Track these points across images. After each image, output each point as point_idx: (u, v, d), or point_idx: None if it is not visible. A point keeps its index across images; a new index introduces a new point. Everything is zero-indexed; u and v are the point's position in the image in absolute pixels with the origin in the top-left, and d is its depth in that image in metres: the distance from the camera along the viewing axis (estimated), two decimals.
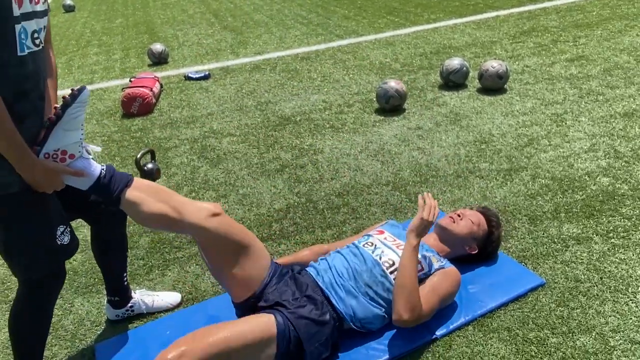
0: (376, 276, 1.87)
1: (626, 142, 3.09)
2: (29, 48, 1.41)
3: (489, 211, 2.22)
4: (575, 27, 5.51)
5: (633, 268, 2.09)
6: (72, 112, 1.47)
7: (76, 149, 1.53)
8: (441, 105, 3.91)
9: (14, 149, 1.38)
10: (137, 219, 1.68)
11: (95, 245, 1.94)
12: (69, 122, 1.48)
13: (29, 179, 1.44)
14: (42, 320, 1.67)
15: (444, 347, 1.82)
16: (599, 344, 1.77)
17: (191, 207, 1.65)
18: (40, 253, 1.55)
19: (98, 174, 1.58)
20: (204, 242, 1.70)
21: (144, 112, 4.27)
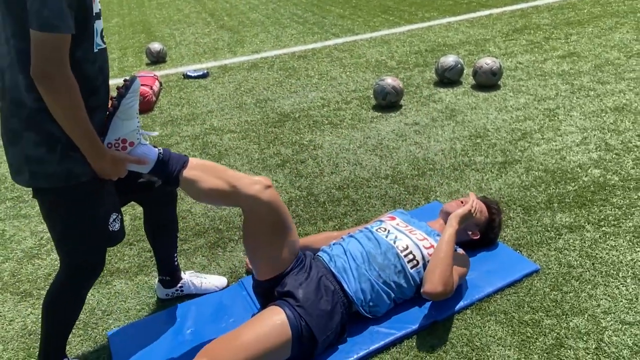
0: (390, 259, 1.96)
1: (617, 135, 3.19)
2: (99, 46, 1.49)
3: (488, 199, 2.32)
4: (567, 25, 5.62)
5: (623, 254, 2.19)
6: (127, 102, 1.56)
7: (134, 137, 1.61)
8: (437, 102, 4.00)
9: (88, 139, 1.45)
10: (195, 195, 1.76)
11: (147, 227, 2.03)
12: (125, 111, 1.56)
13: (97, 167, 1.52)
14: (77, 304, 1.75)
15: (444, 329, 1.90)
16: (591, 324, 1.86)
17: (245, 180, 1.73)
18: (95, 238, 1.63)
19: (156, 157, 1.66)
20: (252, 214, 1.76)
21: (144, 110, 4.33)
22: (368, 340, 1.87)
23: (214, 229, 2.67)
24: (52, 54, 1.32)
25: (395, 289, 1.95)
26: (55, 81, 1.33)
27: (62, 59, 1.33)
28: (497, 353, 1.78)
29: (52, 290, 1.70)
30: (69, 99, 1.37)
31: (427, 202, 2.74)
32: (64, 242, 1.62)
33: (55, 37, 1.31)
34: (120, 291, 2.29)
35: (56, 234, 1.61)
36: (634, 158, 2.91)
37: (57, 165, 1.47)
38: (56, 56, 1.32)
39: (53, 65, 1.32)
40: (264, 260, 1.85)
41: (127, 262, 2.47)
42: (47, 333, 1.74)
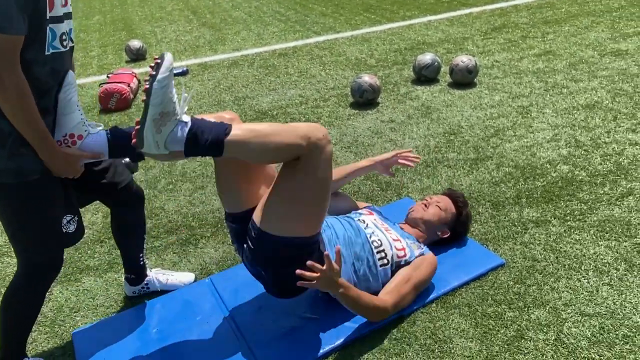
0: (365, 251, 1.96)
1: (586, 132, 3.24)
2: (54, 49, 1.49)
3: (454, 193, 2.33)
4: (545, 24, 5.69)
5: (587, 247, 2.23)
6: (64, 96, 1.55)
7: (81, 129, 1.59)
8: (413, 99, 4.03)
9: (39, 138, 1.47)
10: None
11: (114, 226, 2.02)
12: (65, 106, 1.56)
13: (50, 164, 1.53)
14: (35, 304, 1.74)
15: (409, 323, 1.93)
16: (552, 316, 1.90)
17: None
18: (47, 239, 1.62)
19: (106, 140, 1.62)
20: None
21: (121, 108, 4.31)
22: (334, 335, 1.88)
23: (186, 226, 2.67)
24: (1, 54, 1.34)
25: (362, 281, 1.96)
26: (4, 81, 1.35)
27: (11, 59, 1.36)
28: (460, 345, 1.81)
29: (10, 288, 1.70)
30: (18, 98, 1.38)
31: (398, 197, 2.76)
32: (15, 240, 1.62)
33: (4, 38, 1.33)
34: (89, 288, 2.28)
35: (9, 231, 1.61)
36: (602, 154, 2.96)
37: (7, 161, 1.47)
38: (5, 57, 1.35)
39: (2, 66, 1.35)
40: (236, 195, 1.79)
41: (97, 259, 2.47)
42: (5, 330, 1.73)
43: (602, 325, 1.83)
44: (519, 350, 1.77)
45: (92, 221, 2.77)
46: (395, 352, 1.81)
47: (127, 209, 1.96)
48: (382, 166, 2.30)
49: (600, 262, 2.14)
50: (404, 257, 2.01)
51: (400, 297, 1.92)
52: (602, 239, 2.28)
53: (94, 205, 2.89)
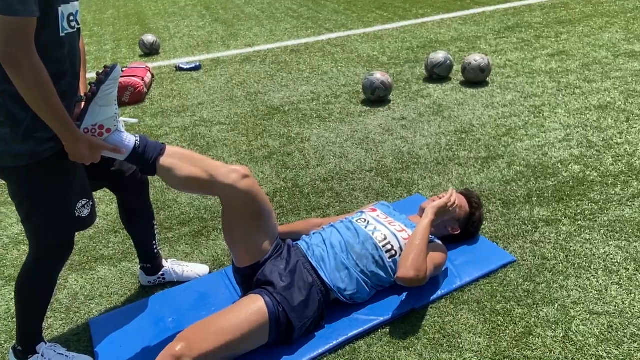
0: (367, 249, 2.00)
1: (599, 133, 3.24)
2: (65, 30, 1.50)
3: (470, 193, 2.35)
4: (558, 24, 5.66)
5: (596, 247, 2.24)
6: (106, 88, 1.57)
7: (112, 123, 1.63)
8: (425, 97, 4.04)
9: (61, 123, 1.48)
10: (172, 183, 1.78)
11: (122, 214, 2.06)
12: (104, 98, 1.58)
13: (72, 150, 1.55)
14: (47, 287, 1.77)
15: (418, 317, 1.95)
16: (561, 314, 1.91)
17: (223, 169, 1.74)
18: (58, 221, 1.65)
19: (133, 145, 1.67)
20: (229, 203, 1.79)
21: (135, 101, 4.36)
22: (347, 326, 1.91)
23: (199, 218, 2.71)
24: (16, 36, 1.34)
25: (372, 277, 1.99)
26: (21, 64, 1.35)
27: (27, 41, 1.36)
28: (468, 340, 1.83)
29: (22, 273, 1.73)
30: (36, 81, 1.38)
31: (409, 195, 2.78)
32: (28, 222, 1.65)
33: (17, 20, 1.33)
34: (103, 277, 2.32)
35: (22, 214, 1.64)
36: (613, 155, 2.96)
37: (20, 145, 1.50)
38: (20, 39, 1.34)
39: (18, 48, 1.34)
40: (242, 248, 1.88)
41: (111, 248, 2.51)
42: (20, 315, 1.76)
43: (610, 324, 1.85)
44: (527, 346, 1.79)
45: (107, 212, 2.82)
46: (404, 345, 1.83)
47: (133, 195, 2.00)
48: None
49: (610, 262, 2.15)
50: None
51: (428, 271, 1.93)
52: (612, 239, 2.28)
53: (108, 196, 2.93)
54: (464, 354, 1.78)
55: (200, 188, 1.80)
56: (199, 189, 1.83)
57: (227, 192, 1.76)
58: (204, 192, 1.85)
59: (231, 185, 1.74)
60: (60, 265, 1.77)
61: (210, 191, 1.80)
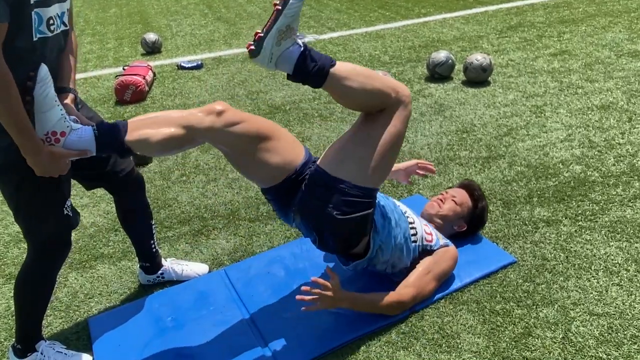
0: (403, 221, 1.98)
1: (600, 133, 3.23)
2: (41, 33, 1.47)
3: (470, 185, 2.32)
4: (561, 23, 5.64)
5: (597, 248, 2.23)
6: (40, 92, 1.47)
7: (62, 125, 1.52)
8: (426, 97, 4.03)
9: (21, 133, 1.43)
10: (152, 152, 1.71)
11: (119, 214, 2.06)
12: (42, 103, 1.48)
13: (35, 164, 1.49)
14: (46, 285, 1.78)
15: (417, 317, 1.95)
16: (560, 315, 1.90)
17: (196, 115, 1.62)
18: (49, 216, 1.65)
19: (92, 136, 1.55)
20: (222, 145, 1.67)
21: (136, 100, 4.36)
22: (346, 328, 1.90)
23: (199, 217, 2.71)
24: None
25: (397, 249, 1.95)
26: None
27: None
28: (467, 340, 1.83)
29: (21, 272, 1.74)
30: (0, 89, 1.34)
31: (409, 194, 2.77)
32: (21, 220, 1.65)
33: None
34: (103, 275, 2.33)
35: (13, 211, 1.65)
36: (615, 155, 2.95)
37: (10, 139, 1.47)
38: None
39: None
40: (264, 174, 1.75)
41: (111, 247, 2.51)
42: (20, 314, 1.77)
43: (610, 325, 1.84)
44: (527, 347, 1.78)
45: (107, 210, 2.82)
46: (402, 345, 1.83)
47: (129, 195, 2.00)
48: (404, 173, 2.35)
49: (611, 263, 2.14)
50: (430, 242, 2.04)
51: (419, 290, 1.94)
52: (613, 239, 2.27)
53: (108, 195, 2.92)
54: (462, 355, 1.77)
55: (183, 144, 1.64)
56: (182, 146, 1.66)
57: (211, 136, 1.62)
58: (189, 146, 1.68)
59: (211, 128, 1.60)
60: (59, 265, 1.77)
61: (195, 142, 1.66)
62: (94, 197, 2.95)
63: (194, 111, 1.64)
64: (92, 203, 2.90)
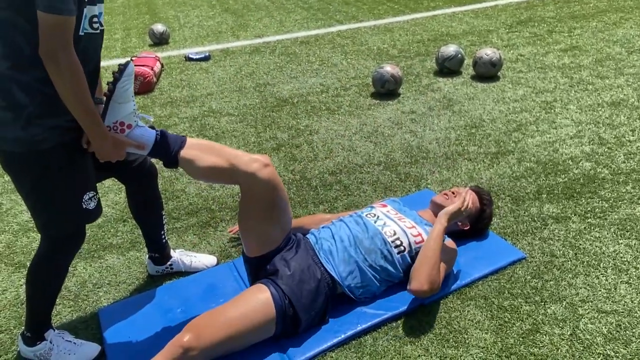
0: (377, 244, 1.99)
1: (611, 130, 3.20)
2: (85, 30, 1.53)
3: (481, 190, 2.33)
4: (572, 18, 5.59)
5: (606, 245, 2.22)
6: (122, 85, 1.61)
7: (132, 119, 1.66)
8: (435, 91, 4.01)
9: (90, 119, 1.53)
10: (194, 174, 1.81)
11: (131, 204, 2.08)
12: (121, 95, 1.62)
13: (98, 147, 1.59)
14: (58, 276, 1.78)
15: (424, 312, 1.95)
16: (569, 312, 1.90)
17: (244, 157, 1.76)
18: (64, 213, 1.66)
19: (154, 139, 1.70)
20: (249, 191, 1.80)
21: (144, 91, 4.36)
22: (355, 321, 1.91)
23: (207, 208, 2.72)
24: (56, 34, 1.39)
25: (381, 272, 1.99)
26: (59, 61, 1.41)
27: (66, 39, 1.41)
28: (474, 336, 1.83)
29: (34, 262, 1.74)
30: (72, 78, 1.44)
31: (417, 189, 2.77)
32: (35, 213, 1.66)
33: (58, 18, 1.38)
34: (112, 265, 2.34)
35: (28, 204, 1.65)
36: (625, 152, 2.93)
37: (20, 131, 1.51)
38: (59, 37, 1.40)
39: (57, 46, 1.40)
40: (255, 238, 1.89)
41: (120, 237, 2.52)
42: (30, 302, 1.78)
43: (618, 323, 1.83)
44: (534, 343, 1.78)
45: (116, 200, 2.83)
46: (410, 340, 1.83)
47: (141, 185, 2.01)
48: None
49: (620, 260, 2.13)
50: (421, 242, 2.03)
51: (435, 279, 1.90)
52: (623, 237, 2.26)
53: (117, 185, 2.95)
54: (470, 350, 1.77)
55: (221, 177, 1.82)
56: (221, 179, 1.87)
57: (248, 181, 1.76)
58: (226, 181, 1.89)
59: (252, 174, 1.74)
60: (71, 256, 1.78)
61: (231, 180, 1.82)
62: (103, 188, 2.96)
63: (244, 153, 1.79)
64: (101, 193, 2.91)
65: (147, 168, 1.97)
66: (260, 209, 1.82)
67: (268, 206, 1.82)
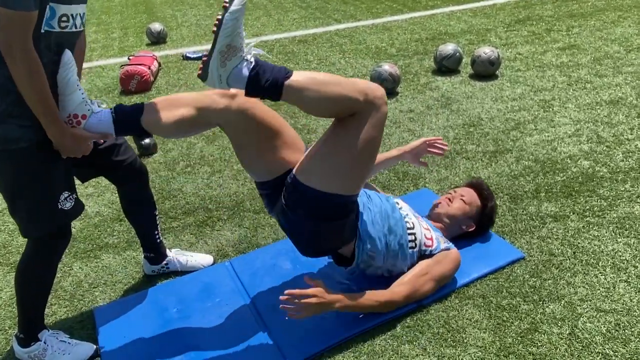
0: (399, 227, 1.95)
1: (609, 128, 3.19)
2: (50, 27, 1.50)
3: (479, 184, 2.27)
4: (570, 17, 5.58)
5: (605, 244, 2.21)
6: (62, 76, 1.56)
7: (84, 109, 1.61)
8: (433, 90, 4.00)
9: (48, 115, 1.51)
10: (167, 133, 1.75)
11: (123, 205, 2.06)
12: (64, 86, 1.57)
13: (60, 145, 1.57)
14: (46, 275, 1.77)
15: (422, 311, 1.93)
16: (567, 311, 1.89)
17: (208, 98, 1.67)
18: (41, 213, 1.64)
19: (111, 120, 1.62)
20: (230, 129, 1.72)
21: (141, 90, 4.35)
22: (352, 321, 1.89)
23: (204, 208, 2.70)
24: (10, 29, 1.38)
25: (391, 256, 1.94)
26: (15, 55, 1.40)
27: (23, 35, 1.40)
28: (472, 335, 1.82)
29: (21, 261, 1.73)
30: (27, 74, 1.43)
31: (415, 188, 2.76)
32: (12, 211, 1.65)
33: (12, 13, 1.37)
34: (107, 265, 2.32)
35: (7, 203, 1.64)
36: (624, 151, 2.92)
37: (19, 123, 1.50)
38: (14, 32, 1.39)
39: (12, 40, 1.39)
40: (261, 167, 1.81)
41: (116, 237, 2.51)
42: (21, 303, 1.76)
43: (617, 322, 1.82)
44: (533, 342, 1.77)
45: (112, 200, 2.82)
46: (408, 339, 1.82)
47: (132, 185, 1.99)
48: (412, 155, 2.29)
49: (619, 259, 2.12)
50: (429, 247, 2.01)
51: (413, 290, 1.91)
52: (621, 235, 2.25)
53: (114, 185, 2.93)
54: (468, 349, 1.76)
55: (195, 126, 1.72)
56: (196, 128, 1.75)
57: (225, 118, 1.68)
58: (203, 128, 1.77)
59: (226, 109, 1.66)
60: (58, 255, 1.76)
61: (207, 125, 1.74)
62: (99, 187, 2.94)
63: (208, 93, 1.69)
64: (97, 193, 2.90)
65: (138, 168, 1.96)
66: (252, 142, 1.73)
67: (258, 134, 1.72)
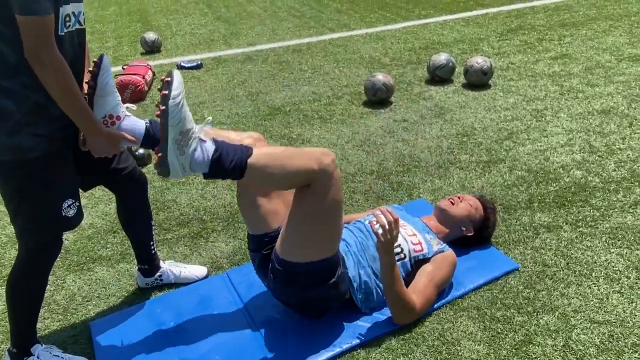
0: None
1: (601, 138, 3.22)
2: (62, 30, 1.53)
3: (485, 199, 2.35)
4: (562, 26, 5.64)
5: (598, 254, 2.22)
6: (102, 79, 1.62)
7: (119, 110, 1.67)
8: (427, 99, 4.02)
9: (84, 116, 1.55)
10: None
11: (119, 213, 2.06)
12: (103, 88, 1.63)
13: (94, 144, 1.61)
14: (37, 287, 1.76)
15: (417, 324, 1.93)
16: (561, 322, 1.89)
17: (236, 137, 1.76)
18: (43, 219, 1.65)
19: (144, 127, 1.70)
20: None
21: (136, 99, 4.34)
22: (349, 334, 1.89)
23: (198, 219, 2.70)
24: (35, 35, 1.41)
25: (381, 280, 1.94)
26: (43, 60, 1.43)
27: (47, 38, 1.43)
28: (467, 347, 1.82)
29: (11, 273, 1.73)
30: (57, 76, 1.46)
31: (410, 198, 2.76)
32: (16, 220, 1.66)
33: (35, 19, 1.40)
34: (101, 278, 2.31)
35: (10, 212, 1.65)
36: (616, 160, 2.94)
37: (6, 138, 1.51)
38: (39, 37, 1.42)
39: (39, 45, 1.42)
40: (258, 214, 1.86)
41: (109, 249, 2.50)
42: (12, 316, 1.76)
43: (611, 333, 1.83)
44: (527, 355, 1.77)
45: (106, 212, 2.80)
46: (403, 352, 1.82)
47: (131, 194, 1.99)
48: None
49: (612, 270, 2.13)
50: (421, 252, 2.02)
51: (426, 300, 1.93)
52: (614, 246, 2.27)
53: (107, 195, 2.92)
54: None
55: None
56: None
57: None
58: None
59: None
60: (49, 265, 1.76)
61: None
62: (92, 198, 2.93)
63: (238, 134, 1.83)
64: (91, 204, 2.88)
65: (137, 177, 1.96)
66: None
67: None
